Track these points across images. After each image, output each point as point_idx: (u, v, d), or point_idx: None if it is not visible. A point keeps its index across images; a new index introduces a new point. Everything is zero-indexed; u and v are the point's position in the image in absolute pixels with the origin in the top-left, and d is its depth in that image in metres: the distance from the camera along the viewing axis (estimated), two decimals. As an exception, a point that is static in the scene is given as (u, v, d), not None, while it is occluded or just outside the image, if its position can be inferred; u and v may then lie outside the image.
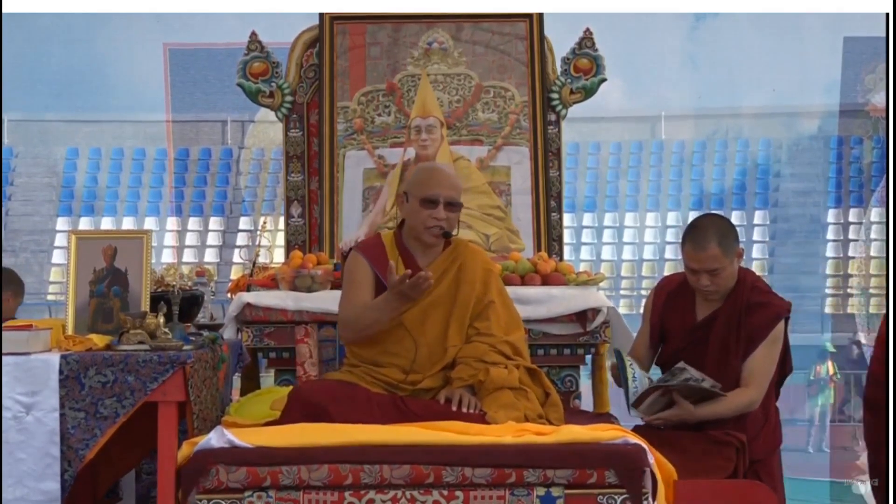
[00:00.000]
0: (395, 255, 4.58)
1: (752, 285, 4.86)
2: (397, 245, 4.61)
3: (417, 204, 4.53)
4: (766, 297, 4.85)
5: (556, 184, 5.99)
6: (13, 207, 24.29)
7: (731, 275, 4.79)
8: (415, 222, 4.57)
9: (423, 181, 4.57)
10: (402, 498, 4.01)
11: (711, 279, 4.76)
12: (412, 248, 4.60)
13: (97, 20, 24.27)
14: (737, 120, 25.31)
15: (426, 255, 4.60)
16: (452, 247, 4.64)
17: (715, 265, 4.73)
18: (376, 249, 4.60)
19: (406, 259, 4.57)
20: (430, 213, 4.52)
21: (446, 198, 4.53)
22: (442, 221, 4.53)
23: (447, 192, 4.53)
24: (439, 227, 4.53)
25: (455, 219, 4.59)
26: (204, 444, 4.06)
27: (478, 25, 6.03)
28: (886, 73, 4.95)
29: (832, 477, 15.12)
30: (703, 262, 4.74)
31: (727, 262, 4.75)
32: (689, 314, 4.91)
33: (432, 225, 4.53)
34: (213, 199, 24.45)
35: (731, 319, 4.82)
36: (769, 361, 4.79)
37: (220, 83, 23.74)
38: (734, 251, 4.77)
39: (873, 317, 16.31)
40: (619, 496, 4.00)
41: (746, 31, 24.89)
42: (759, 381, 4.76)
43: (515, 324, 4.66)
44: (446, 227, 4.55)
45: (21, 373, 4.20)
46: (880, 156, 21.51)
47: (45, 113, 24.94)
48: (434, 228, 4.53)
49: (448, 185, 4.56)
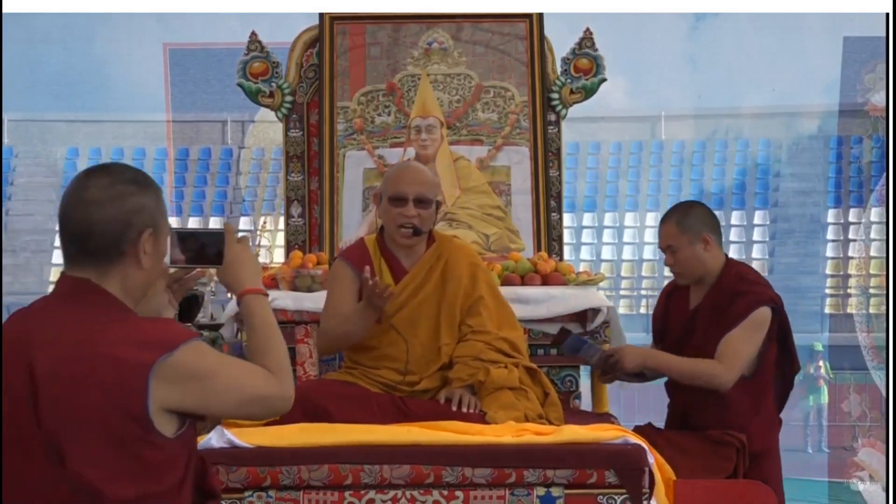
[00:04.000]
0: (378, 258, 4.53)
1: (737, 275, 4.92)
2: (380, 249, 4.55)
3: (387, 203, 4.48)
4: (748, 286, 4.88)
5: (556, 184, 5.98)
6: (13, 207, 24.30)
7: (693, 257, 4.86)
8: (387, 222, 4.50)
9: (392, 179, 4.50)
10: (402, 498, 4.00)
11: (673, 258, 4.88)
12: (395, 250, 4.54)
13: (97, 20, 24.30)
14: (737, 120, 25.32)
15: (409, 256, 4.54)
16: (437, 244, 4.58)
17: (669, 241, 4.86)
18: (360, 255, 4.55)
19: (390, 262, 4.53)
20: (399, 212, 4.41)
21: (415, 194, 4.42)
22: (413, 219, 4.42)
23: (415, 189, 4.43)
24: (409, 225, 4.44)
25: (428, 216, 4.47)
26: (204, 444, 4.05)
27: (478, 25, 6.03)
28: (886, 73, 4.96)
29: (830, 477, 15.13)
30: (660, 236, 4.92)
31: (683, 242, 4.83)
32: (684, 306, 4.99)
33: (402, 223, 4.44)
34: (213, 198, 24.47)
35: (715, 308, 4.86)
36: (743, 343, 4.78)
37: (220, 83, 23.75)
38: (694, 234, 4.84)
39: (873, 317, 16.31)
40: (619, 496, 4.00)
41: (746, 31, 24.92)
42: (729, 359, 4.75)
43: (510, 320, 4.63)
44: (417, 225, 4.45)
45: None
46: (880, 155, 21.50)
47: (45, 113, 24.96)
48: (404, 228, 4.44)
49: (417, 181, 4.45)
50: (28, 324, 2.68)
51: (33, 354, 2.62)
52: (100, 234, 2.67)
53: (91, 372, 2.58)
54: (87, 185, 2.71)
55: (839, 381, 18.10)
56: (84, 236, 2.68)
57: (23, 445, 2.60)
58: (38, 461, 2.58)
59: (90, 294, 2.67)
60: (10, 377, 2.63)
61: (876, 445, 13.29)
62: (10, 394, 2.62)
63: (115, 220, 2.68)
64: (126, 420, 2.58)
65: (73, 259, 2.70)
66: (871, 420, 15.52)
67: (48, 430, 2.58)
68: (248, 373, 2.71)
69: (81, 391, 2.58)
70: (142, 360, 2.59)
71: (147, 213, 2.73)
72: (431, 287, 4.50)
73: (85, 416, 2.58)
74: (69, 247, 2.71)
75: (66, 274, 2.72)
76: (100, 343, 2.60)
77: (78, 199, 2.70)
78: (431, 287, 4.50)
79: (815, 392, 18.74)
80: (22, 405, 2.60)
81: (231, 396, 2.68)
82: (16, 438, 2.61)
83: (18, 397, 2.61)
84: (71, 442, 2.57)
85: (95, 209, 2.67)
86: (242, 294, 2.90)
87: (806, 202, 24.08)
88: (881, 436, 13.20)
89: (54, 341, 2.62)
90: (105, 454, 2.57)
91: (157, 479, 2.60)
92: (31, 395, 2.60)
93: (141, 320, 2.71)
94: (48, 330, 2.64)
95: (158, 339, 2.63)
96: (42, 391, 2.59)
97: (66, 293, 2.69)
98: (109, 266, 2.69)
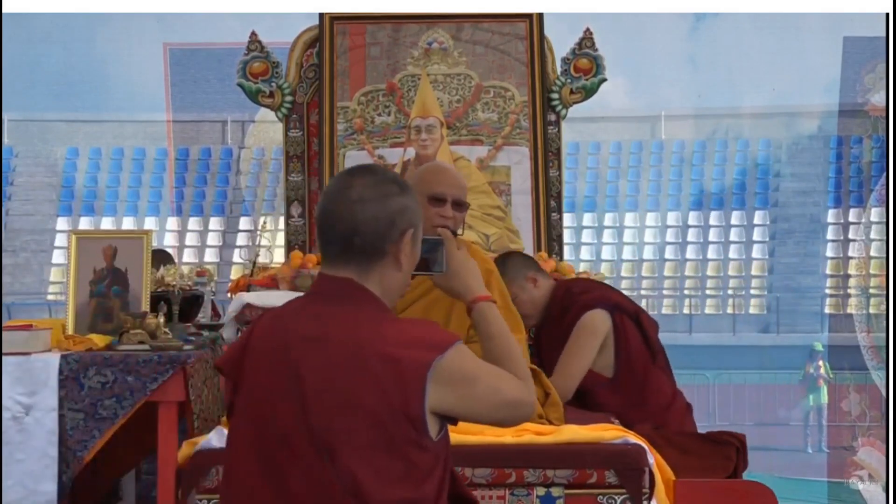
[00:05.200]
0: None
1: (564, 292, 5.14)
2: (397, 245, 4.60)
3: (425, 201, 4.50)
4: (572, 299, 5.08)
5: (556, 184, 5.99)
6: (13, 207, 24.30)
7: (528, 300, 5.09)
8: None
9: (431, 179, 4.54)
10: (402, 498, 4.00)
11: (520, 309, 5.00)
12: None
13: (97, 20, 24.29)
14: (737, 120, 25.32)
15: None
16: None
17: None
18: None
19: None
20: (437, 211, 4.47)
21: (454, 196, 4.49)
22: (449, 220, 4.50)
23: (455, 192, 4.50)
24: (446, 227, 4.50)
25: (461, 219, 4.55)
26: (204, 444, 4.05)
27: (478, 25, 6.03)
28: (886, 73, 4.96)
29: (830, 477, 15.14)
30: None
31: (515, 290, 5.00)
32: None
33: (439, 223, 4.49)
34: (213, 198, 24.46)
35: (549, 329, 5.13)
36: (572, 353, 4.96)
37: (220, 83, 23.75)
38: (519, 279, 5.09)
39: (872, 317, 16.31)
40: (619, 496, 4.00)
41: (746, 31, 24.91)
42: (558, 371, 4.93)
43: (516, 325, 4.64)
44: (453, 227, 4.51)
45: (21, 373, 4.20)
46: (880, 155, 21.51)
47: (45, 113, 24.95)
48: (442, 227, 4.50)
49: (456, 184, 4.53)
50: (287, 324, 2.67)
51: (298, 354, 2.61)
52: (365, 232, 2.67)
53: (365, 371, 2.57)
54: (351, 183, 2.70)
55: (839, 381, 18.10)
56: (349, 235, 2.68)
57: (290, 444, 2.58)
58: (308, 459, 2.57)
59: (356, 293, 2.67)
60: (269, 377, 2.63)
61: (875, 445, 13.30)
62: (273, 393, 2.61)
63: (380, 219, 2.68)
64: (400, 420, 2.57)
65: (334, 259, 2.71)
66: (870, 420, 15.52)
67: (318, 429, 2.57)
68: (503, 377, 2.72)
69: (354, 390, 2.57)
70: (420, 360, 2.59)
71: (409, 214, 2.73)
72: None
73: (357, 414, 2.56)
74: (330, 246, 2.71)
75: (326, 274, 2.71)
76: (375, 342, 2.60)
77: (343, 198, 2.68)
78: None
79: (814, 392, 18.76)
80: (287, 404, 2.60)
81: (489, 400, 2.68)
82: (281, 437, 2.60)
83: (282, 396, 2.60)
84: (342, 441, 2.56)
85: (361, 208, 2.67)
86: (475, 301, 2.93)
87: (806, 202, 24.07)
88: (881, 435, 13.20)
89: (322, 340, 2.62)
90: (375, 454, 2.57)
91: (420, 482, 2.60)
92: (298, 394, 2.59)
93: (406, 321, 2.74)
94: (313, 329, 2.64)
95: (431, 341, 2.63)
96: (310, 389, 2.58)
97: (329, 293, 2.69)
98: (370, 266, 2.69)
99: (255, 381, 2.65)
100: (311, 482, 2.57)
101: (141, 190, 24.60)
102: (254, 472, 2.62)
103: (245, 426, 2.66)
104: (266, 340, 2.67)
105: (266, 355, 2.65)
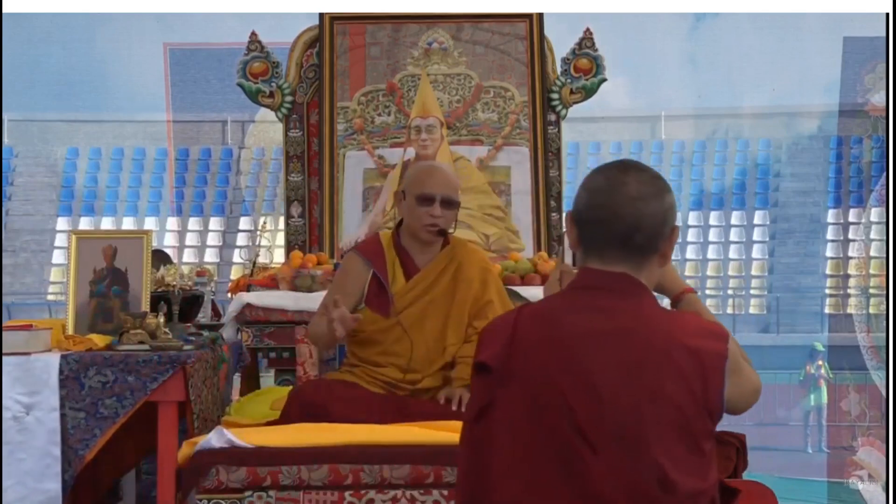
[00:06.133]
0: (392, 254, 4.58)
1: None
2: (395, 245, 4.61)
3: (414, 201, 4.52)
4: None
5: (556, 184, 5.99)
6: (13, 207, 24.30)
7: None
8: (411, 220, 4.56)
9: (420, 179, 4.56)
10: (402, 498, 4.01)
11: None
12: (409, 247, 4.59)
13: (97, 20, 24.30)
14: (737, 120, 25.32)
15: (424, 254, 4.60)
16: (450, 246, 4.64)
17: None
18: (375, 249, 4.60)
19: (404, 259, 4.57)
20: (426, 211, 4.50)
21: (442, 196, 4.51)
22: (438, 219, 4.51)
23: (443, 190, 4.52)
24: (435, 226, 4.53)
25: (451, 217, 4.57)
26: (204, 444, 4.06)
27: (478, 25, 6.03)
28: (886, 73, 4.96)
29: (830, 477, 15.14)
30: None
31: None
32: None
33: (428, 223, 4.51)
34: (213, 199, 24.46)
35: None
36: None
37: (220, 83, 23.76)
38: None
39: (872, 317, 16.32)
40: (618, 496, 4.00)
41: (746, 31, 24.91)
42: None
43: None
44: (442, 225, 4.53)
45: (21, 373, 4.20)
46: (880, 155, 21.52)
47: (45, 113, 24.96)
48: (431, 226, 4.53)
49: (444, 183, 4.54)
50: (560, 318, 2.65)
51: (585, 347, 2.60)
52: (645, 229, 2.65)
53: (670, 363, 2.56)
54: (625, 180, 2.68)
55: (839, 381, 18.10)
56: (631, 231, 2.65)
57: (588, 439, 2.55)
58: (612, 453, 2.55)
59: (635, 288, 2.66)
60: (548, 372, 2.60)
61: (875, 445, 13.30)
62: (555, 388, 2.59)
63: (657, 216, 2.67)
64: (700, 411, 2.57)
65: (608, 255, 2.67)
66: (870, 420, 15.53)
67: (622, 423, 2.55)
68: (749, 365, 2.72)
69: (659, 382, 2.56)
70: (717, 351, 2.59)
71: (674, 211, 2.73)
72: (442, 288, 4.53)
73: (664, 406, 2.55)
74: (609, 242, 2.67)
75: (598, 269, 2.68)
76: (675, 333, 2.59)
77: (622, 195, 2.66)
78: (442, 288, 4.53)
79: (814, 392, 18.75)
80: (578, 398, 2.57)
81: (747, 388, 2.69)
82: (576, 431, 2.56)
83: (570, 391, 2.58)
84: (651, 433, 2.54)
85: (643, 204, 2.65)
86: (683, 293, 2.93)
87: (806, 202, 24.08)
88: (881, 435, 13.21)
89: (615, 334, 2.60)
90: (677, 446, 2.56)
91: (707, 472, 2.59)
92: (589, 388, 2.57)
93: (682, 312, 2.74)
94: (600, 323, 2.62)
95: (715, 330, 2.63)
96: (607, 383, 2.56)
97: (609, 287, 2.66)
98: (644, 262, 2.68)
99: (530, 377, 2.62)
100: (619, 476, 2.55)
101: (141, 190, 24.61)
102: (545, 466, 2.60)
103: (520, 422, 2.62)
104: (536, 336, 2.65)
105: (540, 351, 2.63)
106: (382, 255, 4.56)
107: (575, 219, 2.71)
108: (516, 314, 2.71)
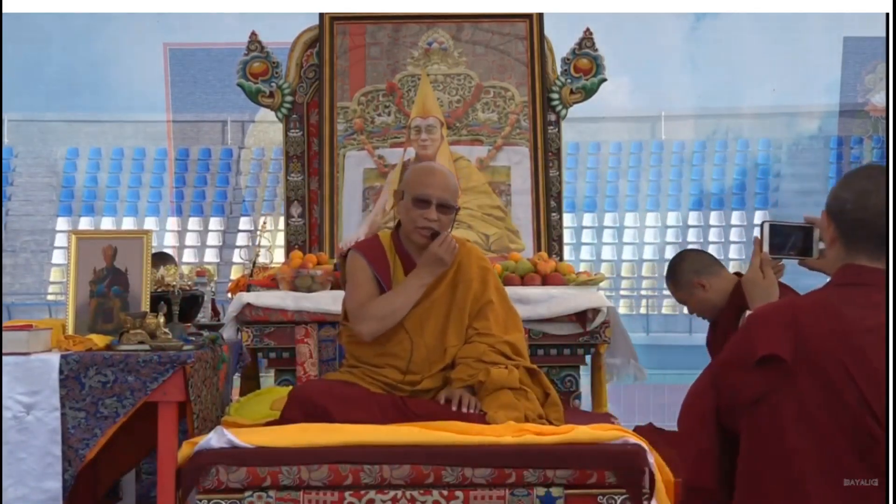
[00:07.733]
0: (392, 254, 4.57)
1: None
2: (395, 245, 4.59)
3: (411, 203, 4.51)
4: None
5: (556, 184, 5.99)
6: (13, 207, 24.30)
7: (699, 303, 5.34)
8: (406, 221, 4.54)
9: (418, 181, 4.54)
10: (402, 498, 4.01)
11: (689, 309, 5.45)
12: (409, 247, 4.58)
13: (97, 20, 24.30)
14: (737, 120, 25.33)
15: (423, 255, 4.59)
16: None
17: (677, 298, 5.46)
18: (375, 249, 4.59)
19: (404, 260, 4.56)
20: (421, 213, 4.47)
21: (439, 199, 4.47)
22: (433, 223, 4.48)
23: (440, 194, 4.48)
24: (429, 229, 4.49)
25: (448, 221, 4.52)
26: (204, 444, 4.06)
27: (478, 25, 6.03)
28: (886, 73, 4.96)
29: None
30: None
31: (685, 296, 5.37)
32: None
33: (423, 225, 4.48)
34: (213, 199, 24.47)
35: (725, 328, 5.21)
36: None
37: (220, 83, 23.77)
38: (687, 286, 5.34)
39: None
40: (619, 496, 4.00)
41: (746, 31, 24.91)
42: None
43: (515, 324, 4.64)
44: (437, 229, 4.49)
45: (21, 373, 4.20)
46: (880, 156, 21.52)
47: (45, 113, 24.97)
48: (424, 229, 4.49)
49: (443, 186, 4.51)
50: (844, 313, 2.88)
51: (862, 343, 2.83)
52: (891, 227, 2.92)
53: None
54: (883, 182, 2.95)
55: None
56: (887, 230, 2.92)
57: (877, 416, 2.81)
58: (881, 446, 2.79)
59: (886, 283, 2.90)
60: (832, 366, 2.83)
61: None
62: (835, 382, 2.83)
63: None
64: None
65: (873, 252, 2.94)
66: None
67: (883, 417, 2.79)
68: None
69: None
70: None
71: None
72: (442, 289, 4.52)
73: None
74: (871, 240, 2.95)
75: (868, 266, 2.95)
76: None
77: (884, 196, 2.94)
78: (442, 289, 4.52)
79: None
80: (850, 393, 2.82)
81: None
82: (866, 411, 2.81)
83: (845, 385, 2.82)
84: None
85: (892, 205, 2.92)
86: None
87: (806, 202, 24.05)
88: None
89: (879, 330, 2.83)
90: None
91: None
92: (872, 373, 2.81)
93: None
94: (873, 318, 2.86)
95: None
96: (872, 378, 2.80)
97: (879, 284, 2.90)
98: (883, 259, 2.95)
99: (822, 369, 2.84)
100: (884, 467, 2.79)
101: (141, 190, 24.61)
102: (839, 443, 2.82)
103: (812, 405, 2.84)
104: (825, 329, 2.87)
105: (829, 343, 2.86)
106: (384, 257, 4.54)
107: (838, 218, 2.98)
108: (791, 308, 2.94)
